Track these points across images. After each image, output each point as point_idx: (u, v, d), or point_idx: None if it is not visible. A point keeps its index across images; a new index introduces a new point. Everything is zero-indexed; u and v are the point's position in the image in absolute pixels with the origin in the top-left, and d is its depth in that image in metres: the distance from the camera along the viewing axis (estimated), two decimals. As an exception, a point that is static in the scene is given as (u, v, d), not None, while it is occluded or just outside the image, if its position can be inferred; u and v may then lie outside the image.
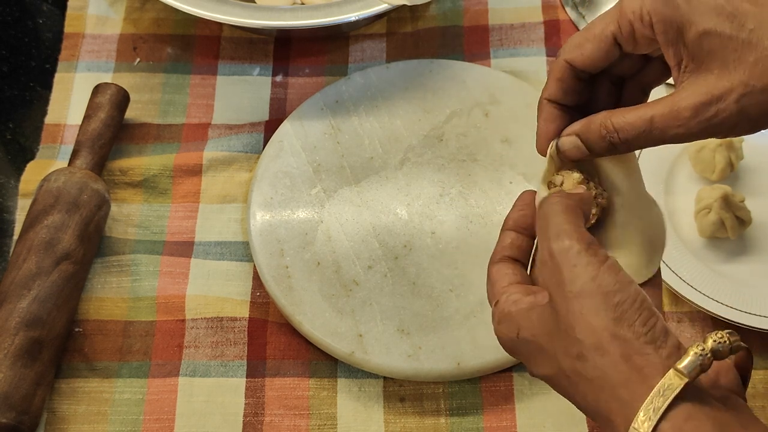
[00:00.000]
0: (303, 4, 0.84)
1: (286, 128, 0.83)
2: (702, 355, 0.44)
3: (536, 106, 0.57)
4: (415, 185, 0.81)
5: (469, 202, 0.80)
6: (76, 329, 0.74)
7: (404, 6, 0.82)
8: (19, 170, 0.83)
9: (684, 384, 0.44)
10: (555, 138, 0.55)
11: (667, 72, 0.53)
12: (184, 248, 0.79)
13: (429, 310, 0.74)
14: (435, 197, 0.80)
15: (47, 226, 0.73)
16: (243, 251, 0.79)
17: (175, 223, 0.80)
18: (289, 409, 0.71)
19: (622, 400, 0.45)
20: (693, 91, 0.48)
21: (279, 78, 0.89)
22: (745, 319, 0.72)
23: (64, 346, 0.73)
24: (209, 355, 0.73)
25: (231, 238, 0.80)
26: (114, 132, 0.82)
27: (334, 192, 0.80)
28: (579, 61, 0.53)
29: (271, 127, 0.85)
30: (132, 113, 0.86)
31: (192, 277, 0.77)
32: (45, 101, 0.87)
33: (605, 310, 0.46)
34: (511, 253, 0.54)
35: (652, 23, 0.50)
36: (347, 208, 0.79)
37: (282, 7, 0.81)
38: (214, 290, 0.76)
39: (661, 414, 0.43)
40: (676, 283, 0.73)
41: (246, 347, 0.74)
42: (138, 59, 0.90)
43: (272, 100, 0.88)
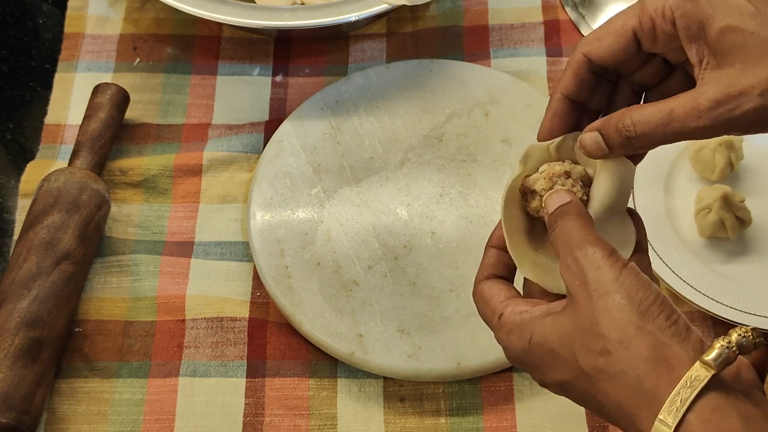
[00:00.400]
0: (303, 4, 0.84)
1: (286, 128, 0.83)
2: (728, 348, 0.45)
3: (536, 106, 0.57)
4: (415, 185, 0.81)
5: (469, 202, 0.80)
6: (76, 329, 0.74)
7: (404, 6, 0.82)
8: (19, 170, 0.83)
9: (711, 376, 0.44)
10: (557, 135, 0.55)
11: (690, 83, 0.53)
12: (184, 248, 0.79)
13: (429, 310, 0.74)
14: (435, 197, 0.80)
15: (47, 226, 0.73)
16: (243, 251, 0.79)
17: (175, 223, 0.80)
18: (289, 409, 0.71)
19: (648, 392, 0.45)
20: (714, 86, 0.48)
21: (279, 78, 0.89)
22: (745, 319, 0.72)
23: (64, 346, 0.73)
24: (209, 355, 0.73)
25: (231, 238, 0.80)
26: (114, 132, 0.82)
27: (334, 192, 0.80)
28: (596, 54, 0.53)
29: (271, 127, 0.85)
30: (132, 113, 0.86)
31: (192, 277, 0.77)
32: (45, 101, 0.87)
33: (629, 306, 0.46)
34: (497, 271, 0.55)
35: (674, 19, 0.50)
36: (347, 208, 0.79)
37: (282, 7, 0.81)
38: (214, 290, 0.76)
39: (688, 405, 0.44)
40: (676, 283, 0.73)
41: (246, 347, 0.74)
42: (138, 59, 0.90)
43: (272, 100, 0.88)
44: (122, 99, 0.83)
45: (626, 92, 0.56)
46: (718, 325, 0.73)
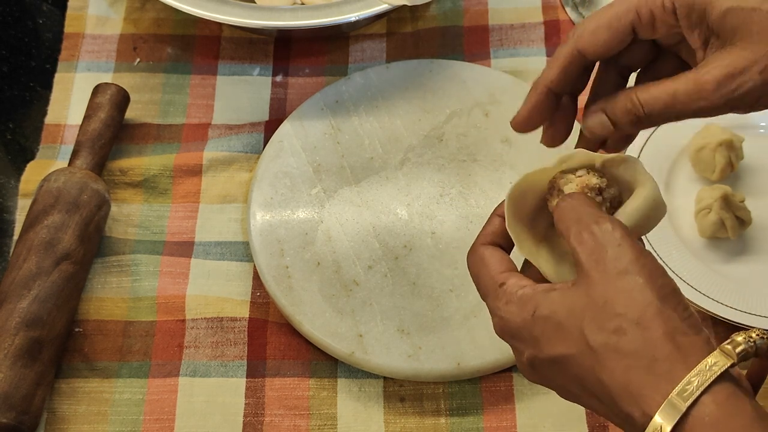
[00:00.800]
0: (303, 4, 0.85)
1: (286, 128, 0.83)
2: (748, 343, 0.45)
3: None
4: (415, 185, 0.81)
5: (469, 202, 0.80)
6: (76, 329, 0.74)
7: (404, 6, 0.82)
8: (19, 170, 0.83)
9: (730, 363, 0.44)
10: (534, 126, 0.56)
11: (681, 66, 0.54)
12: (184, 248, 0.79)
13: (429, 310, 0.74)
14: (435, 197, 0.80)
15: (47, 226, 0.73)
16: (243, 251, 0.79)
17: (175, 223, 0.80)
18: (289, 409, 0.71)
19: (660, 374, 0.45)
20: (716, 65, 0.49)
21: (279, 78, 0.89)
22: (745, 319, 0.72)
23: (64, 346, 0.73)
24: (209, 355, 0.73)
25: (231, 238, 0.80)
26: (114, 132, 0.82)
27: (334, 192, 0.80)
28: (592, 50, 0.53)
29: (271, 127, 0.85)
30: (132, 113, 0.86)
31: (192, 277, 0.77)
32: (45, 101, 0.87)
33: (650, 288, 0.46)
34: (498, 240, 0.55)
35: (674, 9, 0.50)
36: (347, 208, 0.79)
37: (282, 7, 0.81)
38: (214, 290, 0.76)
39: (704, 387, 0.44)
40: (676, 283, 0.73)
41: (246, 347, 0.74)
42: (138, 59, 0.90)
43: (272, 100, 0.88)
44: (122, 99, 0.83)
45: (612, 75, 0.56)
46: (718, 325, 0.73)
